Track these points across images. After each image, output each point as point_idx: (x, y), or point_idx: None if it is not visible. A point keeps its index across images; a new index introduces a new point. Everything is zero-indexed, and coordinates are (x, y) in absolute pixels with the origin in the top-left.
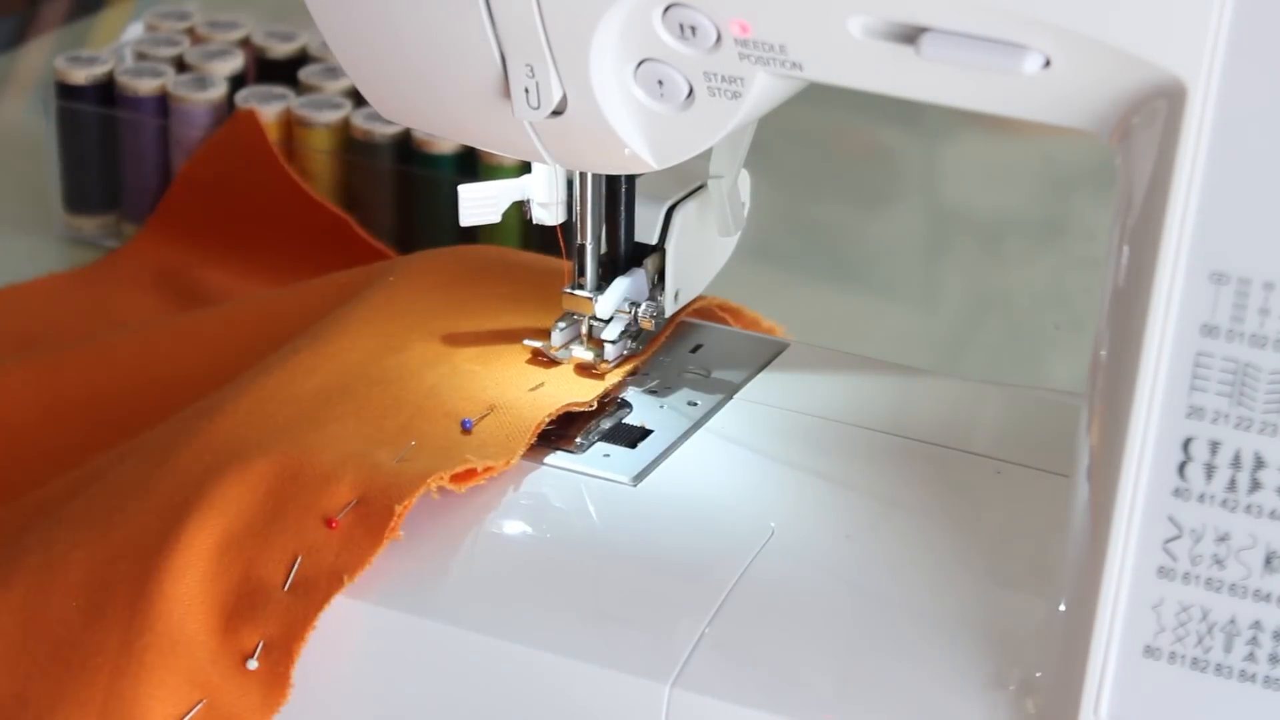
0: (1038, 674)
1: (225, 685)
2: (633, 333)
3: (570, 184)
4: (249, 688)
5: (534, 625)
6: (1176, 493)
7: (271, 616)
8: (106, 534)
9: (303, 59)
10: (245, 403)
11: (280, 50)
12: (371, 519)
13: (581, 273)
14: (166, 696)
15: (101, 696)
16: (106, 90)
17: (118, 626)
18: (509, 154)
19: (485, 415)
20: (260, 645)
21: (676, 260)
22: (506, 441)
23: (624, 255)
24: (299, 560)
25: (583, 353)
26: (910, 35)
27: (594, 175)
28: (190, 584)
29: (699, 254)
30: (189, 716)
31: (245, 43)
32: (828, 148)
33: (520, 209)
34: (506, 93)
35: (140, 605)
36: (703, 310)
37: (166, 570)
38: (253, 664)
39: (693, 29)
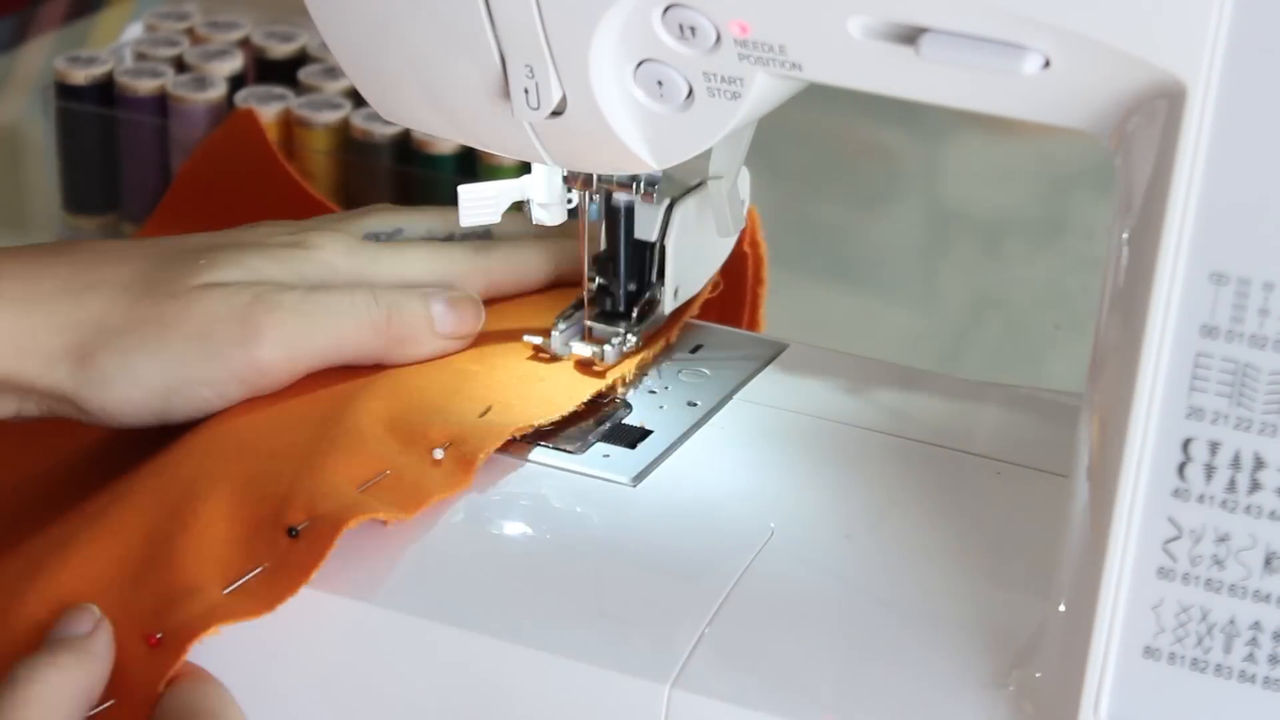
0: (1037, 674)
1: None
2: (632, 330)
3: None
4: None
5: (534, 625)
6: (1176, 493)
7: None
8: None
9: (302, 59)
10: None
11: (280, 50)
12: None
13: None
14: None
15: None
16: (106, 90)
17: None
18: (509, 154)
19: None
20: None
21: (676, 257)
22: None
23: (623, 255)
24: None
25: (582, 349)
26: (910, 36)
27: (594, 175)
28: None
29: (698, 251)
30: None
31: (245, 43)
32: (828, 148)
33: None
34: (506, 93)
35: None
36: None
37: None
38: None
39: (692, 29)
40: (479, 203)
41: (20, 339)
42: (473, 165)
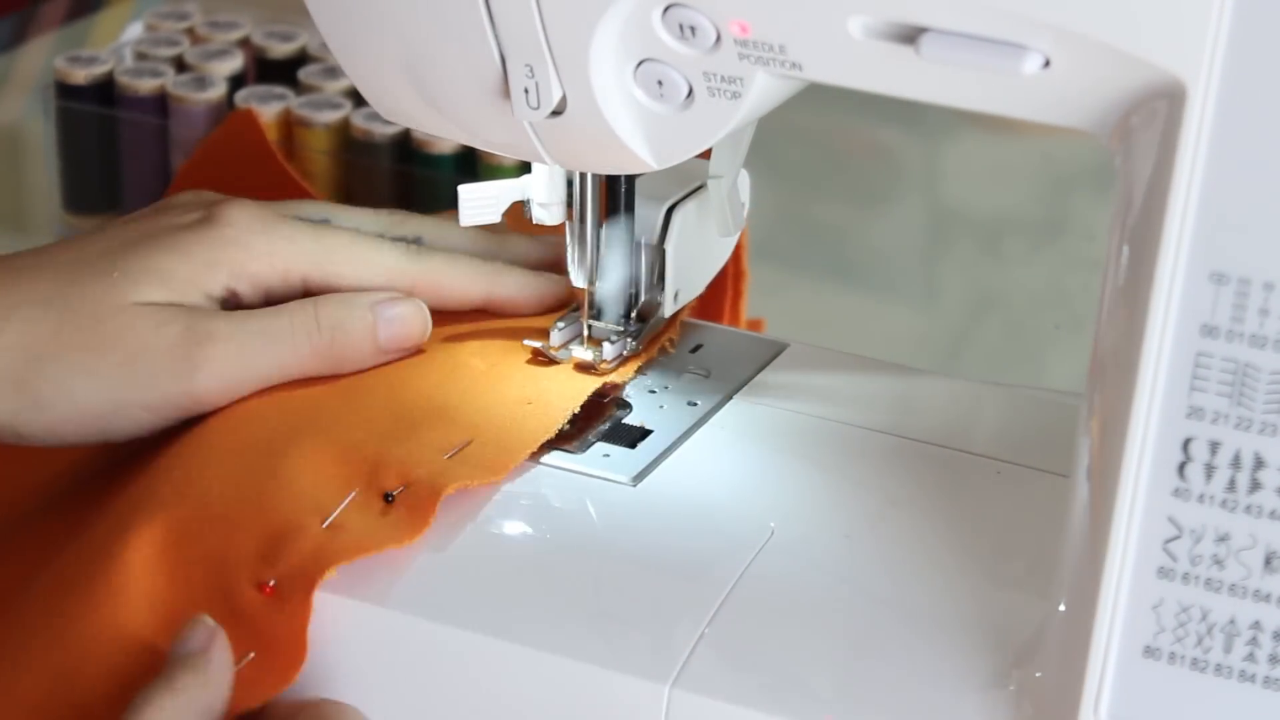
0: (1037, 674)
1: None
2: (632, 332)
3: (570, 184)
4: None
5: (534, 625)
6: (1176, 493)
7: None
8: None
9: (302, 59)
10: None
11: (280, 50)
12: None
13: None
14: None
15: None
16: (106, 90)
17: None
18: (509, 154)
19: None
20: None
21: (676, 260)
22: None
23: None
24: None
25: (582, 352)
26: (910, 35)
27: (594, 175)
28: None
29: (699, 254)
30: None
31: (245, 43)
32: (828, 148)
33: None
34: (506, 93)
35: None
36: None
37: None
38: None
39: (692, 29)
40: (479, 203)
41: None
42: (473, 165)
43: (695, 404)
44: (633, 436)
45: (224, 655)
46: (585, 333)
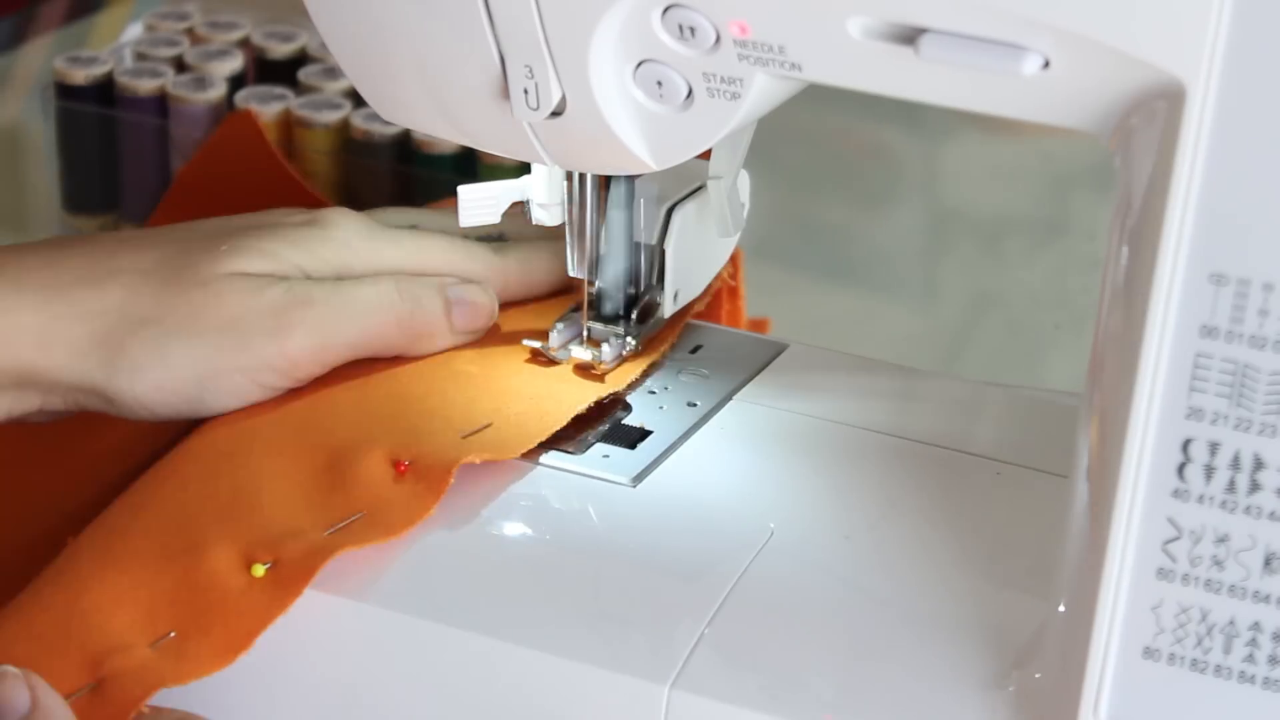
0: (1037, 675)
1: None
2: (632, 333)
3: (570, 184)
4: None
5: (533, 625)
6: (1176, 494)
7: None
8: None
9: (302, 59)
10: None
11: (280, 50)
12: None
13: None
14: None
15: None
16: (106, 90)
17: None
18: (508, 155)
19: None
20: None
21: (676, 261)
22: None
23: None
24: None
25: (582, 353)
26: (909, 36)
27: (594, 175)
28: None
29: (699, 254)
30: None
31: (245, 43)
32: (828, 148)
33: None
34: (506, 93)
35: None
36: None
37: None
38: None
39: (692, 30)
40: (479, 203)
41: (42, 330)
42: (473, 165)
43: (695, 404)
44: (632, 437)
45: (51, 697)
46: (584, 333)
